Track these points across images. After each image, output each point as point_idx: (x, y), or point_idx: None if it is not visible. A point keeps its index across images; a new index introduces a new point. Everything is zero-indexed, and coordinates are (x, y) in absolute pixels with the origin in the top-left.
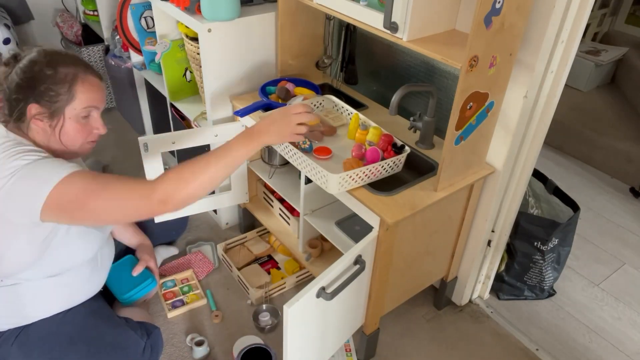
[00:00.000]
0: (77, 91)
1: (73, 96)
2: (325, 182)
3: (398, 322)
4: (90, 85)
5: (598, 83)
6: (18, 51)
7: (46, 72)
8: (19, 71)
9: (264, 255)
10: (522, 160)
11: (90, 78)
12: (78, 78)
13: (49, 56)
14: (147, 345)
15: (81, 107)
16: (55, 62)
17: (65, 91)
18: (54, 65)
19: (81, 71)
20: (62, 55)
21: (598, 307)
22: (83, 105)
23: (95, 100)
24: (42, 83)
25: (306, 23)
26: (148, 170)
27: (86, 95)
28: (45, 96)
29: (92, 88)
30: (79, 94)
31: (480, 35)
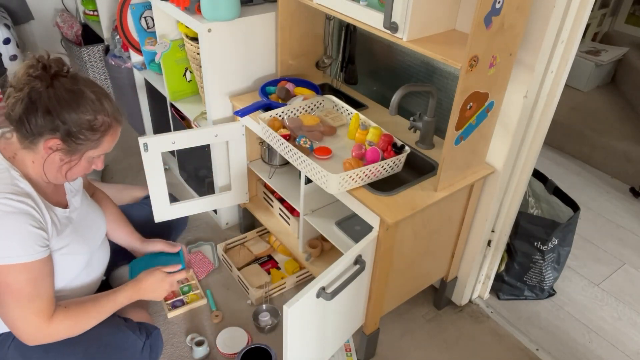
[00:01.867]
0: (104, 141)
1: (99, 145)
2: (325, 182)
3: (398, 322)
4: (116, 134)
5: (598, 83)
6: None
7: (86, 116)
8: (53, 98)
9: (264, 255)
10: (522, 160)
11: (117, 128)
12: (111, 128)
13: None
14: (146, 345)
15: (99, 153)
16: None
17: (96, 139)
18: (96, 112)
19: (114, 121)
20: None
21: (598, 307)
22: (103, 152)
23: (111, 147)
24: (76, 126)
25: (306, 23)
26: (148, 170)
27: (109, 144)
28: (74, 137)
29: (114, 139)
30: (105, 143)
31: (480, 35)
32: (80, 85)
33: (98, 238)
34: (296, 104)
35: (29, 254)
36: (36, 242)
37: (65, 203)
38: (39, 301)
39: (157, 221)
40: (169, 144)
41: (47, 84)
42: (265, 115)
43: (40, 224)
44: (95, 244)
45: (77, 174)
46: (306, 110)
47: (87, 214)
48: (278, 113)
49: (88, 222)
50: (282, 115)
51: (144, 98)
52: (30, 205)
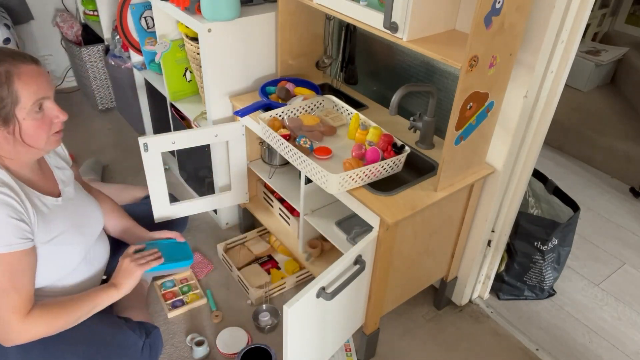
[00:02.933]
0: (18, 89)
1: (17, 96)
2: (325, 182)
3: (398, 322)
4: (28, 77)
5: (598, 83)
6: None
7: None
8: None
9: (264, 255)
10: (522, 160)
11: (24, 69)
12: (13, 74)
13: None
14: (145, 345)
15: (30, 103)
16: None
17: (7, 94)
18: None
19: (12, 65)
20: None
21: (598, 307)
22: (31, 101)
23: (41, 90)
24: None
25: (306, 23)
26: (148, 170)
27: (29, 88)
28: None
29: (32, 79)
30: (22, 91)
31: (480, 35)
32: None
33: (94, 230)
34: (296, 104)
35: (5, 244)
36: (14, 234)
37: (57, 192)
38: (15, 296)
39: (157, 221)
40: (169, 144)
41: None
42: (265, 115)
43: (19, 215)
44: (92, 236)
45: (37, 137)
46: (306, 110)
47: (82, 205)
48: (278, 113)
49: (83, 212)
50: (282, 115)
51: (144, 98)
52: (8, 194)
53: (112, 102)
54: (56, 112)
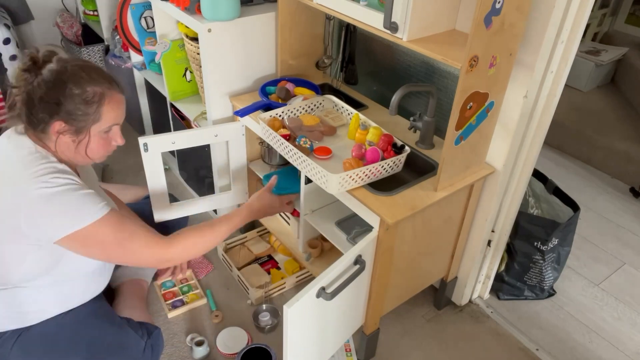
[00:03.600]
0: (103, 111)
1: (100, 116)
2: (325, 182)
3: (398, 322)
4: (115, 103)
5: (598, 83)
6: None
7: (74, 91)
8: (42, 84)
9: (264, 255)
10: (522, 160)
11: (115, 96)
12: (105, 97)
13: (74, 72)
14: (147, 345)
15: (106, 126)
16: (82, 79)
17: (93, 111)
18: (82, 83)
19: (107, 89)
20: (87, 71)
21: (598, 307)
22: (108, 124)
23: (119, 117)
24: (70, 102)
25: (306, 23)
26: (148, 170)
27: (112, 114)
28: (73, 115)
29: (117, 106)
30: (105, 114)
31: (480, 35)
32: (64, 64)
33: None
34: (296, 104)
35: (98, 210)
36: (97, 200)
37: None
38: (138, 235)
39: (157, 221)
40: (169, 144)
41: (35, 74)
42: (265, 115)
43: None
44: None
45: (97, 152)
46: (306, 110)
47: None
48: (278, 113)
49: None
50: (282, 115)
51: (144, 98)
52: (76, 180)
53: None
54: (118, 137)
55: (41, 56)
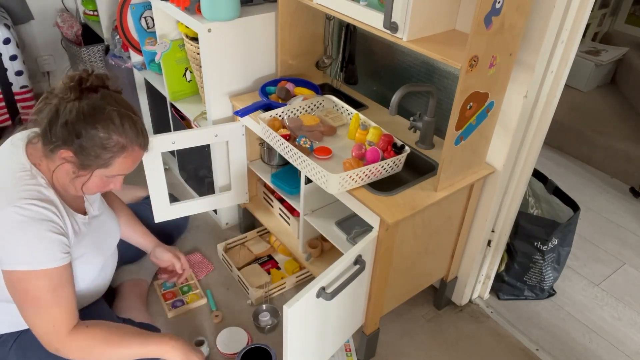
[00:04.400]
0: (116, 162)
1: (110, 164)
2: (325, 182)
3: (398, 322)
4: (131, 158)
5: (598, 83)
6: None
7: (99, 133)
8: (74, 111)
9: (264, 255)
10: (522, 160)
11: (136, 151)
12: (125, 151)
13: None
14: None
15: (112, 174)
16: (113, 125)
17: (107, 158)
18: (111, 130)
19: (131, 143)
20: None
21: (598, 307)
22: (115, 173)
23: (128, 170)
24: (89, 141)
25: (306, 23)
26: (148, 170)
27: (123, 166)
28: (85, 152)
29: (132, 161)
30: (116, 165)
31: (480, 35)
32: (106, 102)
33: (112, 246)
34: (296, 104)
35: (50, 260)
36: (58, 249)
37: (84, 210)
38: (57, 310)
39: (157, 221)
40: (169, 144)
41: (75, 97)
42: (265, 115)
43: (61, 231)
44: (109, 252)
45: (91, 190)
46: (306, 110)
47: (104, 222)
48: (278, 113)
49: (104, 230)
50: (282, 115)
51: (144, 98)
52: (54, 212)
53: None
54: (117, 184)
55: (91, 81)
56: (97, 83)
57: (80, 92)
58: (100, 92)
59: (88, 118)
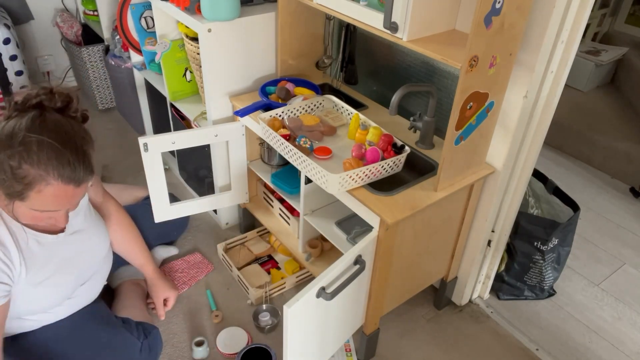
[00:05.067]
0: (30, 196)
1: (24, 198)
2: (325, 182)
3: (398, 322)
4: (48, 196)
5: (598, 83)
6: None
7: (10, 161)
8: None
9: (264, 255)
10: (522, 160)
11: (55, 186)
12: (35, 185)
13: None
14: (144, 346)
15: (32, 209)
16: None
17: (18, 190)
18: (21, 158)
19: (47, 176)
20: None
21: (598, 307)
22: (35, 209)
23: (53, 207)
24: (2, 169)
25: (306, 23)
26: (148, 170)
27: (39, 202)
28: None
29: (52, 198)
30: (32, 199)
31: (480, 35)
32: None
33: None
34: (296, 104)
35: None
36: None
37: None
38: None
39: (157, 221)
40: (169, 144)
41: (8, 115)
42: (265, 115)
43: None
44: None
45: (26, 221)
46: (306, 110)
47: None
48: (278, 113)
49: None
50: (282, 115)
51: (144, 98)
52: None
53: (112, 102)
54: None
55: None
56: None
57: (18, 111)
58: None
59: (2, 141)
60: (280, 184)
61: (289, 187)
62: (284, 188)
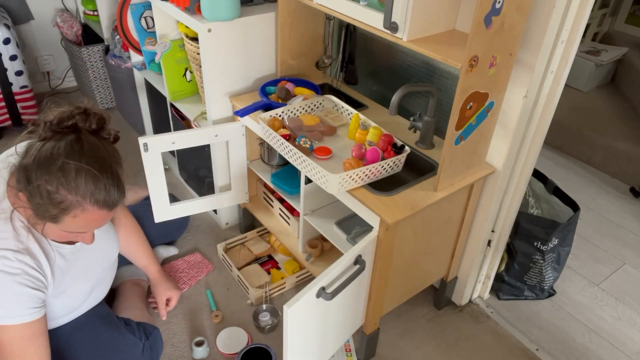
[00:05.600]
0: (65, 219)
1: (59, 221)
2: (325, 182)
3: (398, 322)
4: (84, 220)
5: (598, 83)
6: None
7: (47, 186)
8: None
9: (264, 255)
10: (522, 160)
11: (91, 211)
12: (73, 209)
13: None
14: (146, 347)
15: (64, 230)
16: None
17: (53, 214)
18: (59, 184)
19: (84, 202)
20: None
21: (598, 307)
22: (67, 230)
23: (86, 229)
24: (37, 193)
25: (306, 23)
26: (148, 170)
27: (74, 225)
28: (34, 201)
29: (87, 221)
30: (66, 222)
31: (480, 35)
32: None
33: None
34: (296, 104)
35: (21, 315)
36: (30, 304)
37: None
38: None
39: (157, 221)
40: (169, 144)
41: (46, 136)
42: (265, 115)
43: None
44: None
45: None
46: (306, 110)
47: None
48: (278, 113)
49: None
50: (282, 115)
51: (144, 98)
52: (29, 264)
53: (112, 102)
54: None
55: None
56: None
57: (54, 132)
58: (72, 137)
59: (43, 166)
60: (280, 184)
61: (289, 187)
62: (284, 188)
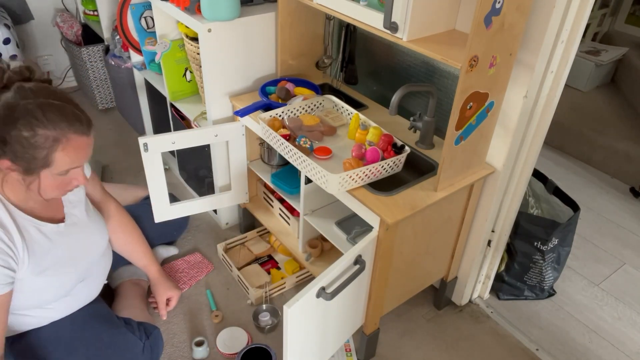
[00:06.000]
0: (56, 157)
1: (51, 162)
2: (325, 182)
3: (398, 322)
4: (72, 149)
5: (598, 83)
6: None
7: (23, 133)
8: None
9: (264, 255)
10: (522, 160)
11: (74, 139)
12: (59, 143)
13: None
14: (146, 346)
15: (59, 171)
16: (35, 120)
17: (43, 157)
18: (33, 125)
19: (64, 132)
20: (45, 110)
21: (598, 307)
22: (62, 169)
23: (77, 161)
24: (17, 144)
25: (306, 23)
26: (148, 170)
27: (66, 159)
28: (19, 156)
29: (75, 151)
30: (59, 160)
31: (480, 35)
32: (20, 96)
33: (92, 255)
34: (296, 104)
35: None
36: None
37: (61, 216)
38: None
39: (157, 221)
40: (169, 144)
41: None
42: (265, 115)
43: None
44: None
45: (51, 193)
46: (306, 110)
47: (85, 231)
48: (278, 113)
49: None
50: (282, 115)
51: (144, 98)
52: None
53: (112, 102)
54: (79, 179)
55: (5, 78)
56: (11, 78)
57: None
58: (13, 87)
59: (5, 119)
60: (280, 184)
61: (289, 187)
62: (284, 188)
